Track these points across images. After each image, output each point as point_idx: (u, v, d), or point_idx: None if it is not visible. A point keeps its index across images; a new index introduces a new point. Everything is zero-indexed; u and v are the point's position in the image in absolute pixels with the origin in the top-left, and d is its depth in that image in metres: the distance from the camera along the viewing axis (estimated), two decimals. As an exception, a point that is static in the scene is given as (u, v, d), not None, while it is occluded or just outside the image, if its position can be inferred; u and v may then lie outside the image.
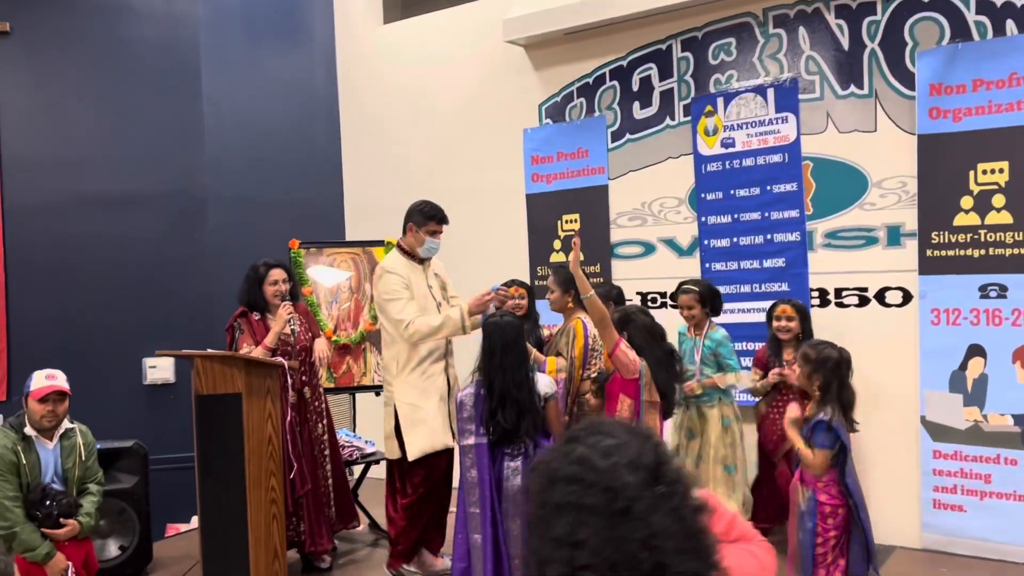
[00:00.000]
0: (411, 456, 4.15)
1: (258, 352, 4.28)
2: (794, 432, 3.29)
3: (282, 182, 6.24)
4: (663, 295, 5.37)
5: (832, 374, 3.26)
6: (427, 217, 4.28)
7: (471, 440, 3.59)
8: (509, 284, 4.42)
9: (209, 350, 4.17)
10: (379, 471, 5.44)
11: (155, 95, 5.72)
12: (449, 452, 4.26)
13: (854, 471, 3.30)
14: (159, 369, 5.83)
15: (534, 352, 4.00)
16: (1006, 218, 4.26)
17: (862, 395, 4.65)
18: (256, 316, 4.44)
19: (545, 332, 4.46)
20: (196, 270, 5.63)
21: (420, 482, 4.22)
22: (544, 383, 3.62)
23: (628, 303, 4.72)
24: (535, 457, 3.52)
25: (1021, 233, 4.23)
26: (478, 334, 3.82)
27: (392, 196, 6.11)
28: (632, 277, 5.47)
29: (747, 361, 4.74)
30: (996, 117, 4.27)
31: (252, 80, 6.14)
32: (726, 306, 4.65)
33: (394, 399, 4.23)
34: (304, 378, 4.48)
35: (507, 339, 3.54)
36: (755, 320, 4.90)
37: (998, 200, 4.28)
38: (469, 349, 3.96)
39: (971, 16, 4.34)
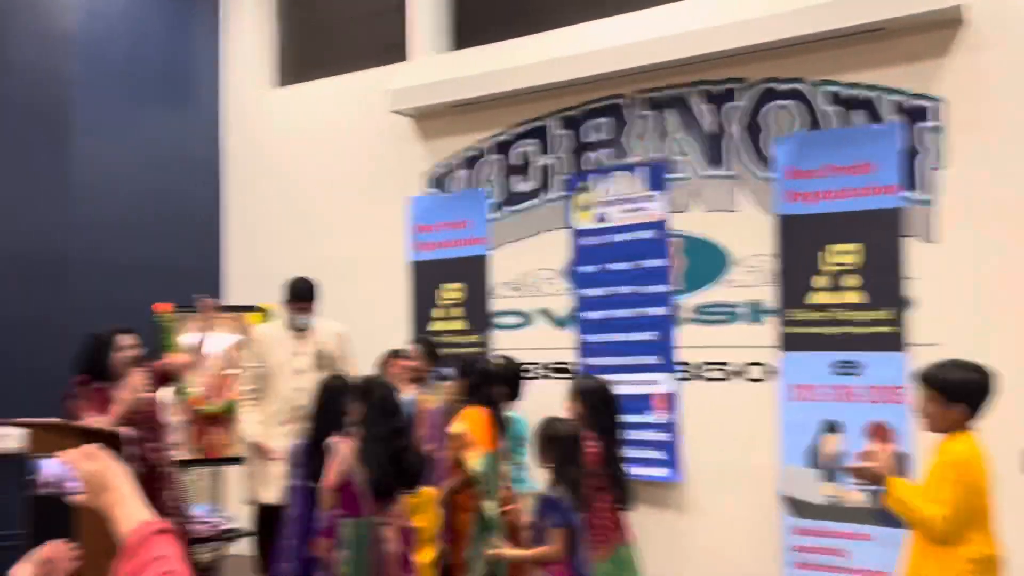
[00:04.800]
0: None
1: (104, 422, 4.04)
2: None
3: (154, 246, 6.03)
4: (539, 366, 5.36)
5: (560, 450, 3.17)
6: (291, 297, 4.72)
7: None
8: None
9: (49, 419, 3.91)
10: (241, 548, 5.18)
11: (19, 151, 5.49)
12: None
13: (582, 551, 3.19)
14: (8, 439, 5.43)
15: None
16: (861, 297, 4.43)
17: (724, 471, 4.74)
18: (98, 385, 4.21)
19: None
20: (52, 336, 5.33)
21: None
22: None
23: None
24: None
25: (876, 312, 4.40)
26: None
27: (277, 262, 6.00)
28: (511, 347, 5.45)
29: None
30: (850, 201, 4.48)
31: (127, 140, 5.97)
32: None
33: None
34: (150, 444, 4.23)
35: (322, 401, 3.90)
36: (627, 392, 4.92)
37: (853, 280, 4.45)
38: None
39: (820, 107, 4.59)
